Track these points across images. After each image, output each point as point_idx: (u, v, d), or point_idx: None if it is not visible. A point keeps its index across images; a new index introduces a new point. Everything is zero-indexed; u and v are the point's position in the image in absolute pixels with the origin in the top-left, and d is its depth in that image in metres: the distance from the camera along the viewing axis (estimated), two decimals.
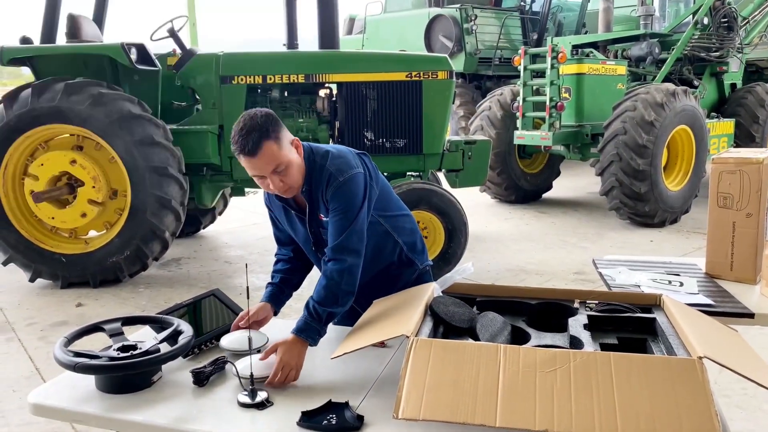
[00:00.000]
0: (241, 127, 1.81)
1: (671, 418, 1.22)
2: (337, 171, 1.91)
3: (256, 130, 1.78)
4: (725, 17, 7.69)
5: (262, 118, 1.82)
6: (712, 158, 2.42)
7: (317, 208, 1.98)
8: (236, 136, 1.80)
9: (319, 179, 1.93)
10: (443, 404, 1.31)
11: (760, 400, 2.87)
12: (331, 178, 1.90)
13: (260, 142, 1.78)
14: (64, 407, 1.58)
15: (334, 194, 1.90)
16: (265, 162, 1.81)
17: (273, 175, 1.84)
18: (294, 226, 2.09)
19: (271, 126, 1.82)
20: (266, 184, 1.87)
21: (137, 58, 4.93)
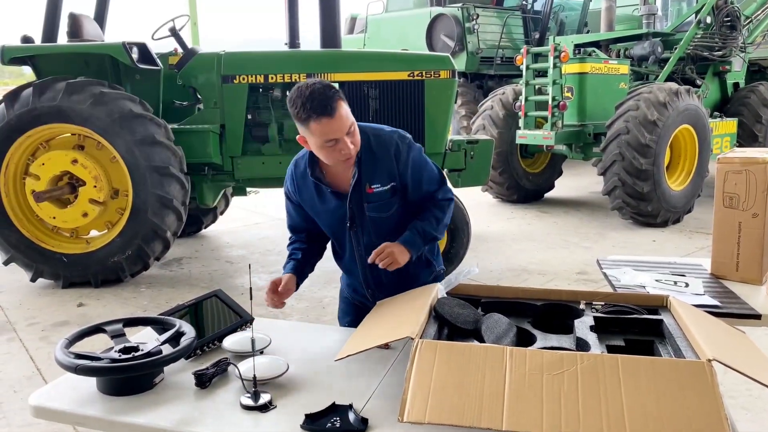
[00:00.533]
0: (309, 92, 1.80)
1: (680, 422, 1.21)
2: (400, 135, 2.05)
3: (327, 90, 1.80)
4: (728, 16, 7.67)
5: (322, 82, 1.84)
6: (717, 158, 2.40)
7: (368, 179, 2.00)
8: (308, 101, 1.79)
9: (380, 143, 1.99)
10: (449, 407, 1.29)
11: (766, 401, 2.85)
12: (402, 139, 2.03)
13: (336, 100, 1.81)
14: (66, 409, 1.56)
15: (408, 152, 2.02)
16: (343, 121, 1.83)
17: (347, 136, 1.85)
18: (327, 206, 2.07)
19: (335, 87, 1.85)
20: (338, 149, 1.86)
21: (139, 57, 4.92)
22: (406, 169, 2.02)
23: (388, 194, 2.03)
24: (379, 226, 2.07)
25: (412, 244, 2.00)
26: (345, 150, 1.86)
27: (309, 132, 1.85)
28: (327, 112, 1.79)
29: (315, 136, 1.84)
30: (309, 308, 4.33)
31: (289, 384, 1.65)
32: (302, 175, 2.07)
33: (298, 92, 1.83)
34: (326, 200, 2.06)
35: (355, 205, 2.03)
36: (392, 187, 2.03)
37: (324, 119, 1.79)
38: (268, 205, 7.94)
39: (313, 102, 1.79)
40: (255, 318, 2.03)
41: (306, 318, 4.14)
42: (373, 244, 2.04)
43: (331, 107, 1.79)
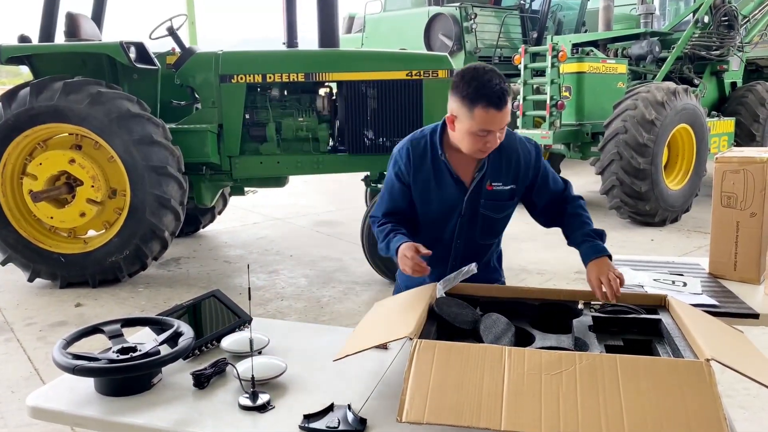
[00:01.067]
0: (487, 80, 1.82)
1: (679, 422, 1.20)
2: (526, 138, 2.11)
3: (502, 84, 1.83)
4: (726, 16, 7.69)
5: (499, 73, 1.86)
6: (715, 157, 2.41)
7: (491, 176, 2.02)
8: (484, 89, 1.81)
9: (510, 144, 2.02)
10: (447, 407, 1.29)
11: (764, 400, 2.86)
12: (525, 143, 2.07)
13: (507, 97, 1.84)
14: (63, 410, 1.56)
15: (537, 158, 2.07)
16: (505, 117, 1.86)
17: (500, 131, 1.89)
18: (443, 192, 2.05)
19: (505, 80, 1.87)
20: (485, 141, 1.88)
21: (136, 56, 4.91)
22: (538, 172, 2.07)
23: (506, 195, 2.05)
24: (487, 225, 2.10)
25: (600, 249, 1.95)
26: (491, 144, 1.89)
27: (470, 116, 1.84)
28: (498, 106, 1.82)
29: (474, 121, 1.84)
30: (307, 308, 4.33)
31: (287, 384, 1.64)
32: (422, 155, 2.05)
33: (475, 74, 1.84)
34: (445, 186, 2.04)
35: (473, 199, 2.04)
36: (512, 189, 2.05)
37: (492, 110, 1.81)
38: (266, 205, 7.93)
39: (490, 90, 1.80)
40: (253, 318, 2.03)
41: (304, 318, 4.13)
42: (474, 240, 2.09)
43: (504, 101, 1.82)
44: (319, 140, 5.17)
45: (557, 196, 2.12)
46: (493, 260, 2.27)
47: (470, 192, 2.03)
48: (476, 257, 2.09)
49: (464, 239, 2.11)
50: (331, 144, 5.27)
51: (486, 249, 2.20)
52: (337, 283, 4.88)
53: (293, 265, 5.39)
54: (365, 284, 4.83)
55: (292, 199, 8.30)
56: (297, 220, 7.21)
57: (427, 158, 2.05)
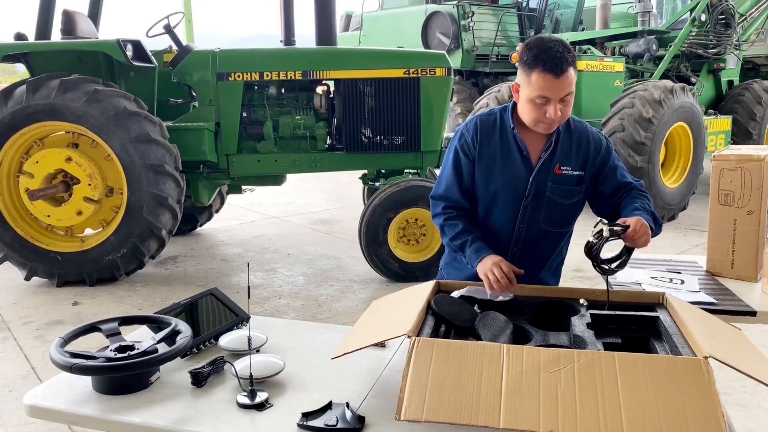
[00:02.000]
0: (549, 47, 1.82)
1: (677, 419, 1.21)
2: (601, 133, 2.08)
3: (564, 53, 1.82)
4: (722, 14, 7.69)
5: (565, 43, 1.86)
6: (713, 155, 2.41)
7: (560, 159, 1.99)
8: (543, 54, 1.81)
9: (581, 130, 2.02)
10: (446, 405, 1.29)
11: (760, 398, 2.87)
12: (597, 133, 2.06)
13: (567, 65, 1.82)
14: (61, 409, 1.56)
15: (609, 147, 2.06)
16: (563, 85, 1.83)
17: (560, 102, 1.85)
18: (509, 169, 2.00)
19: (574, 57, 1.86)
20: (544, 110, 1.86)
21: (133, 54, 4.90)
22: (606, 161, 2.02)
23: (573, 180, 2.00)
24: (554, 211, 2.03)
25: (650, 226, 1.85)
26: (550, 113, 1.85)
27: (528, 81, 1.85)
28: (554, 71, 1.80)
29: (532, 87, 1.84)
30: (305, 306, 4.33)
31: (285, 382, 1.64)
32: (490, 130, 2.02)
33: (539, 41, 1.85)
34: (512, 162, 2.00)
35: (539, 180, 1.99)
36: (580, 175, 2.01)
37: (549, 75, 1.80)
38: (263, 203, 7.92)
39: (547, 55, 1.80)
40: (251, 316, 2.03)
41: (302, 316, 4.13)
42: (538, 226, 2.04)
43: (561, 68, 1.80)
44: (316, 138, 5.16)
45: (625, 187, 2.03)
46: (553, 264, 2.19)
47: (537, 170, 1.98)
48: (539, 247, 2.07)
49: (528, 223, 2.04)
50: (329, 142, 5.26)
51: (550, 238, 2.10)
52: (335, 281, 4.88)
53: (291, 263, 5.39)
54: (363, 282, 4.83)
55: (289, 197, 8.30)
56: (295, 219, 7.20)
57: (495, 133, 2.02)
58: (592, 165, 2.02)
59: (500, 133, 2.01)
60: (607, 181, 2.03)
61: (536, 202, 2.01)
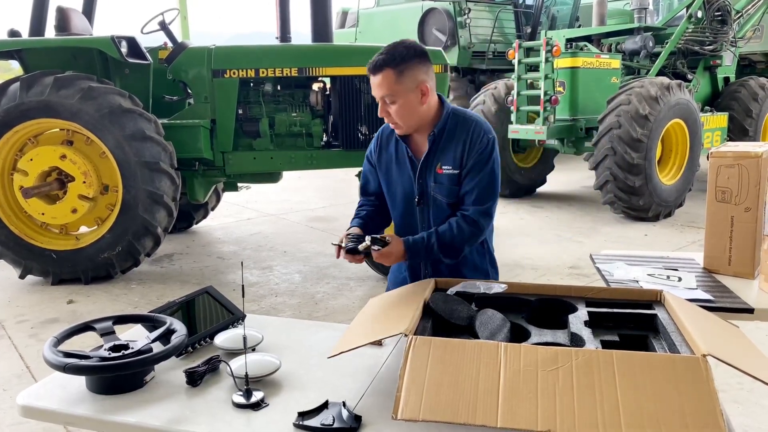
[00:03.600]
0: (388, 47, 1.90)
1: (676, 418, 1.20)
2: (487, 127, 1.99)
3: (389, 56, 1.87)
4: (719, 11, 7.70)
5: (405, 49, 1.90)
6: (710, 152, 2.40)
7: (440, 158, 2.00)
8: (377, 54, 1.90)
9: (463, 127, 1.98)
10: (443, 404, 1.28)
11: (757, 395, 2.87)
12: (482, 131, 1.97)
13: (383, 66, 1.87)
14: (55, 409, 1.54)
15: (483, 150, 1.95)
16: (377, 86, 1.91)
17: (382, 102, 1.94)
18: (401, 173, 2.08)
19: (403, 59, 1.88)
20: (383, 109, 1.97)
21: (128, 51, 4.87)
22: (470, 161, 1.96)
23: (454, 179, 2.00)
24: (440, 210, 2.05)
25: (415, 253, 1.97)
26: (381, 112, 1.97)
27: None
28: (372, 71, 1.90)
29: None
30: (301, 304, 4.31)
31: (281, 381, 1.63)
32: (388, 137, 2.12)
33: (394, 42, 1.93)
34: (403, 167, 2.07)
35: (423, 180, 2.04)
36: (459, 174, 1.99)
37: (370, 76, 1.91)
38: (259, 201, 7.90)
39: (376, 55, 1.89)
40: (247, 315, 2.01)
41: (298, 314, 4.12)
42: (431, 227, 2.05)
43: (374, 67, 1.88)
44: (312, 135, 5.14)
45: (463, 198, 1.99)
46: (474, 257, 2.13)
47: (419, 172, 2.03)
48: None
49: (427, 223, 2.08)
50: (325, 139, 5.25)
51: None
52: (331, 279, 4.87)
53: (287, 261, 5.38)
54: (359, 280, 4.82)
55: (285, 194, 8.28)
56: (291, 216, 7.19)
57: (392, 141, 2.11)
58: (465, 165, 1.98)
59: (395, 141, 2.09)
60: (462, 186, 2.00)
61: (425, 202, 2.06)
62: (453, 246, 1.97)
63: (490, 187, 1.98)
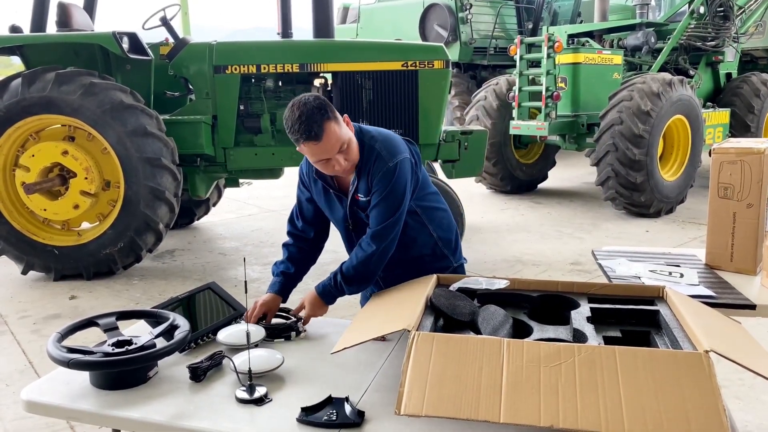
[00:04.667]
0: (298, 115, 1.81)
1: (678, 413, 1.20)
2: (387, 154, 1.95)
3: (315, 114, 1.80)
4: (721, 6, 7.67)
5: (315, 101, 1.83)
6: (712, 148, 2.40)
7: (358, 188, 2.00)
8: (296, 125, 1.81)
9: (367, 158, 1.96)
10: (446, 400, 1.29)
11: (758, 390, 2.87)
12: (379, 159, 1.95)
13: (323, 125, 1.81)
14: (58, 404, 1.55)
15: (381, 177, 1.94)
16: (332, 144, 1.84)
17: (339, 155, 1.87)
18: (332, 206, 2.11)
19: (327, 107, 1.84)
20: (331, 166, 1.89)
21: (129, 47, 4.86)
22: (372, 187, 1.97)
23: (368, 206, 2.03)
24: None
25: (326, 295, 2.04)
26: (337, 167, 1.89)
27: (302, 151, 1.89)
28: (312, 138, 1.81)
29: (308, 155, 1.89)
30: None
31: (284, 377, 1.64)
32: (315, 170, 2.05)
33: (290, 112, 1.84)
34: (331, 202, 2.10)
35: (353, 210, 2.05)
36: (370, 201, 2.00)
37: (311, 143, 1.82)
38: (261, 197, 7.90)
39: (300, 125, 1.80)
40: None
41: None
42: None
43: (316, 133, 1.80)
44: None
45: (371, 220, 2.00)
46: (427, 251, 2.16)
47: (349, 205, 2.04)
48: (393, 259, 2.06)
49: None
50: None
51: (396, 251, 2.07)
52: None
53: None
54: None
55: (287, 190, 8.27)
56: None
57: (318, 174, 2.06)
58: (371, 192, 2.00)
59: (320, 174, 2.04)
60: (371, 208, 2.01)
61: (360, 228, 2.07)
62: (359, 274, 2.00)
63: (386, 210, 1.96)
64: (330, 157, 1.86)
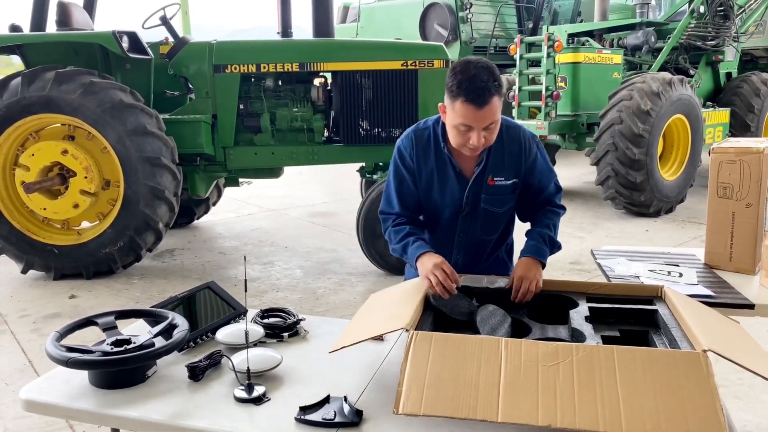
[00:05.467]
0: (473, 74, 1.77)
1: (676, 413, 1.20)
2: (531, 133, 2.06)
3: (488, 82, 1.77)
4: (721, 6, 7.66)
5: (492, 69, 1.80)
6: (711, 148, 2.40)
7: (492, 170, 2.00)
8: (466, 83, 1.76)
9: (516, 138, 2.00)
10: (444, 399, 1.29)
11: (758, 390, 2.87)
12: (532, 137, 2.05)
13: (493, 94, 1.77)
14: (57, 403, 1.55)
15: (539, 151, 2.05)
16: (487, 116, 1.80)
17: (484, 130, 1.83)
18: (445, 187, 2.04)
19: (499, 79, 1.81)
20: (467, 137, 1.84)
21: (129, 46, 4.86)
22: (533, 168, 2.04)
23: (508, 189, 2.04)
24: (489, 219, 2.09)
25: (542, 254, 1.99)
26: (473, 141, 1.84)
27: (452, 108, 1.83)
28: (477, 102, 1.76)
29: (455, 114, 1.82)
30: (303, 300, 4.32)
31: (283, 376, 1.64)
32: (425, 146, 2.02)
33: (463, 67, 1.80)
34: (447, 179, 2.03)
35: (473, 193, 2.02)
36: (514, 183, 2.03)
37: (471, 106, 1.77)
38: (261, 196, 7.91)
39: (471, 85, 1.76)
40: (248, 310, 2.02)
41: (300, 309, 4.08)
42: (476, 234, 2.10)
43: (484, 99, 1.76)
44: (313, 131, 5.14)
45: (542, 194, 2.11)
46: (501, 253, 2.25)
47: (470, 186, 2.01)
48: (479, 252, 2.13)
49: (466, 234, 2.11)
50: (326, 134, 5.24)
51: (488, 244, 2.17)
52: (333, 274, 4.87)
53: (288, 256, 5.38)
54: (361, 275, 4.82)
55: (287, 190, 8.28)
56: (292, 212, 7.19)
57: (430, 149, 2.03)
58: (523, 171, 2.05)
59: (435, 150, 2.02)
60: (532, 189, 2.09)
61: (472, 214, 2.07)
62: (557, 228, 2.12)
63: (552, 171, 2.13)
64: (478, 127, 1.81)
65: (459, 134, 1.85)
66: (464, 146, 1.88)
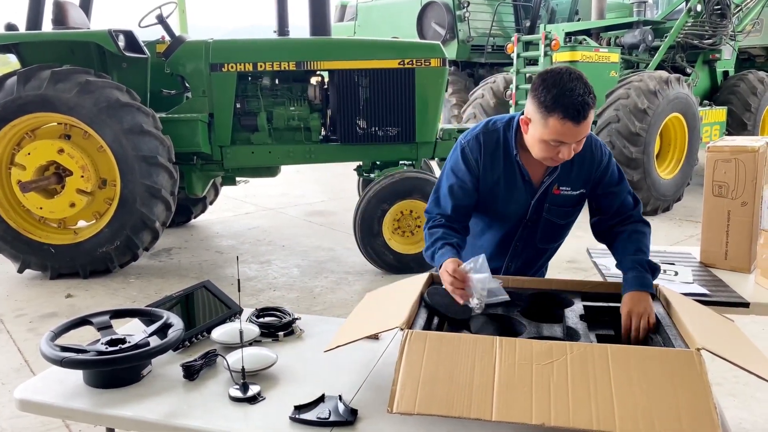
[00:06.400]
0: (570, 89, 1.65)
1: (669, 411, 1.21)
2: (597, 141, 1.96)
3: (586, 97, 1.66)
4: (718, 4, 7.67)
5: (585, 81, 1.69)
6: (707, 146, 2.41)
7: (559, 179, 1.91)
8: (564, 99, 1.65)
9: (588, 147, 1.87)
10: (438, 398, 1.29)
11: (753, 388, 2.88)
12: (603, 146, 1.96)
13: (589, 111, 1.67)
14: (52, 403, 1.55)
15: (610, 160, 1.96)
16: (583, 131, 1.70)
17: (575, 144, 1.74)
18: (512, 196, 1.94)
19: (593, 90, 1.70)
20: (557, 151, 1.73)
21: (125, 45, 4.85)
22: (604, 177, 1.94)
23: (574, 200, 1.96)
24: (550, 230, 2.03)
25: (648, 285, 1.75)
26: (564, 155, 1.74)
27: (544, 123, 1.70)
28: (576, 119, 1.66)
29: (547, 130, 1.70)
30: (300, 298, 4.32)
31: (278, 375, 1.64)
32: (494, 150, 1.92)
33: (558, 79, 1.68)
34: (515, 187, 1.94)
35: (537, 202, 1.95)
36: (581, 194, 1.95)
37: (569, 123, 1.66)
38: (258, 195, 7.90)
39: (569, 101, 1.64)
40: (244, 309, 2.02)
41: (297, 308, 4.09)
42: (534, 243, 2.04)
43: (583, 116, 1.66)
44: (310, 129, 5.14)
45: (620, 210, 1.97)
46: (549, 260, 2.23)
47: (538, 196, 1.94)
48: (533, 261, 2.10)
49: (524, 242, 2.05)
50: (323, 133, 5.24)
51: (543, 253, 2.13)
52: (330, 273, 4.87)
53: (285, 255, 5.38)
54: (357, 274, 4.82)
55: (284, 188, 8.28)
56: (289, 210, 7.19)
57: (499, 155, 1.92)
58: (593, 181, 1.95)
59: (504, 156, 1.92)
60: (605, 200, 1.97)
61: (534, 224, 2.00)
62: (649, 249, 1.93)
63: (626, 182, 2.02)
64: (572, 141, 1.71)
65: (548, 149, 1.74)
66: (550, 159, 1.79)
